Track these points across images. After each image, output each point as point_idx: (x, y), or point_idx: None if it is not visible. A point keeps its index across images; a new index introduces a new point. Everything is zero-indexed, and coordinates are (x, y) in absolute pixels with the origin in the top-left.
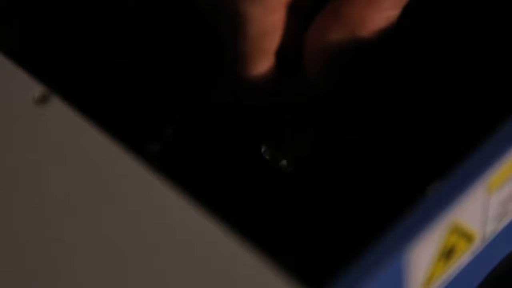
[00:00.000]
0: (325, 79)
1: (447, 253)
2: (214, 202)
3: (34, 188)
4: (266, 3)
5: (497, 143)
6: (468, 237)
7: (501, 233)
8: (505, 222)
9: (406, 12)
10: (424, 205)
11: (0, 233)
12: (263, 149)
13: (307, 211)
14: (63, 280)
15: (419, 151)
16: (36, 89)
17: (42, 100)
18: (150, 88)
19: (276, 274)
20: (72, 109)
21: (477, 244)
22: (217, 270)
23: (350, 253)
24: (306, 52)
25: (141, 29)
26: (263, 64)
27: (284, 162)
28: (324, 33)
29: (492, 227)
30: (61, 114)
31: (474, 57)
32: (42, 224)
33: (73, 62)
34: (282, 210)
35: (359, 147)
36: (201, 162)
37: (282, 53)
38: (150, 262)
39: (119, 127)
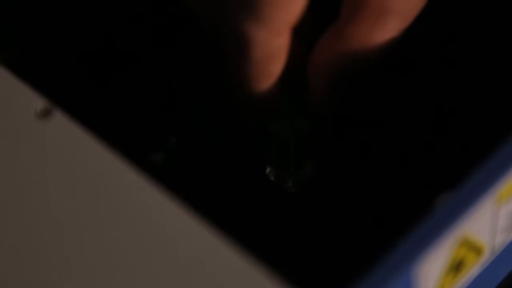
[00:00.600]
0: (330, 100)
1: (456, 267)
2: (216, 213)
3: (36, 202)
4: (271, 27)
5: (506, 154)
6: (477, 250)
7: (510, 245)
8: None
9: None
10: (432, 218)
11: (3, 244)
12: (268, 170)
13: (314, 226)
14: None
15: (427, 163)
16: (38, 102)
17: (45, 113)
18: (154, 98)
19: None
20: (74, 122)
21: (486, 257)
22: (220, 283)
23: (359, 269)
24: (310, 73)
25: (144, 38)
26: (267, 86)
27: (289, 183)
28: (328, 54)
29: (501, 239)
30: (63, 127)
31: (484, 67)
32: (45, 238)
33: (75, 73)
34: (288, 226)
35: (365, 161)
36: (204, 172)
37: (286, 74)
38: (151, 275)
39: (122, 136)
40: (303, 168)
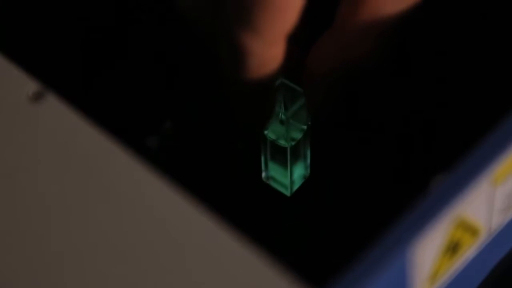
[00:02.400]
0: (325, 104)
1: (453, 248)
2: (211, 198)
3: (29, 186)
4: (266, 37)
5: (502, 135)
6: (473, 231)
7: (507, 226)
8: (510, 215)
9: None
10: (428, 200)
11: None
12: (263, 174)
13: (310, 220)
14: (59, 281)
15: (422, 146)
16: (31, 86)
17: (37, 97)
18: (149, 82)
19: (278, 273)
20: (67, 105)
21: (483, 238)
22: (218, 270)
23: (354, 250)
24: (306, 78)
25: (140, 25)
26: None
27: (285, 186)
28: (323, 59)
29: (497, 221)
30: (56, 111)
31: (478, 50)
32: (38, 223)
33: (69, 58)
34: (284, 211)
35: (361, 148)
36: (199, 157)
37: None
38: (147, 261)
39: (117, 121)
40: (299, 171)
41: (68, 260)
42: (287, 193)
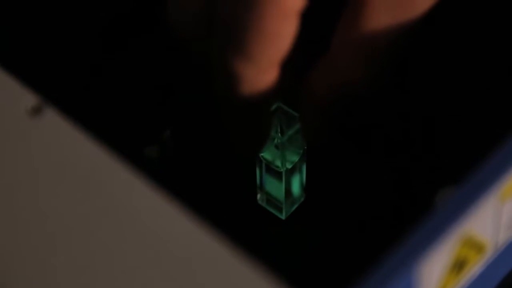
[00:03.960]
0: (321, 129)
1: (459, 265)
2: (209, 209)
3: (28, 200)
4: (259, 64)
5: (510, 150)
6: (479, 248)
7: None
8: None
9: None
10: (434, 217)
11: None
12: (258, 197)
13: (315, 229)
14: None
15: (428, 161)
16: (29, 99)
17: (36, 111)
18: (147, 91)
19: None
20: (66, 119)
21: (489, 254)
22: (212, 282)
23: (360, 269)
24: (302, 104)
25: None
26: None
27: (280, 208)
28: (318, 85)
29: (504, 237)
30: (55, 125)
31: (487, 64)
32: (37, 236)
33: (66, 68)
34: (290, 229)
35: (364, 160)
36: (199, 166)
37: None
38: (144, 273)
39: (116, 131)
40: (294, 194)
41: (69, 275)
42: (282, 216)
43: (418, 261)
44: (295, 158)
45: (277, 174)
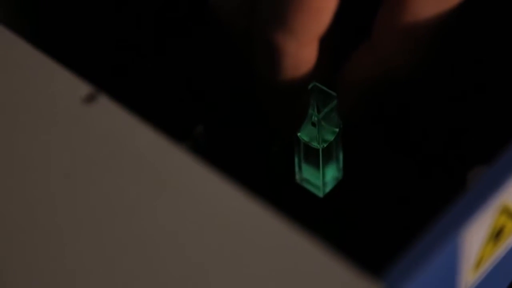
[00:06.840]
0: (358, 109)
1: (496, 235)
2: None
3: (85, 188)
4: (301, 38)
5: None
6: None
7: None
8: None
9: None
10: (476, 188)
11: (52, 229)
12: (296, 175)
13: (355, 206)
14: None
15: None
16: (83, 88)
17: (90, 99)
18: (180, 88)
19: (333, 259)
20: (119, 106)
21: None
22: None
23: (405, 240)
24: (341, 85)
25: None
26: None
27: (318, 187)
28: (360, 69)
29: None
30: (108, 111)
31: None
32: (99, 222)
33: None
34: (333, 204)
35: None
36: (231, 161)
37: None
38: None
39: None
40: (331, 173)
41: (129, 257)
42: (320, 194)
43: (461, 231)
44: (331, 137)
45: (314, 153)
